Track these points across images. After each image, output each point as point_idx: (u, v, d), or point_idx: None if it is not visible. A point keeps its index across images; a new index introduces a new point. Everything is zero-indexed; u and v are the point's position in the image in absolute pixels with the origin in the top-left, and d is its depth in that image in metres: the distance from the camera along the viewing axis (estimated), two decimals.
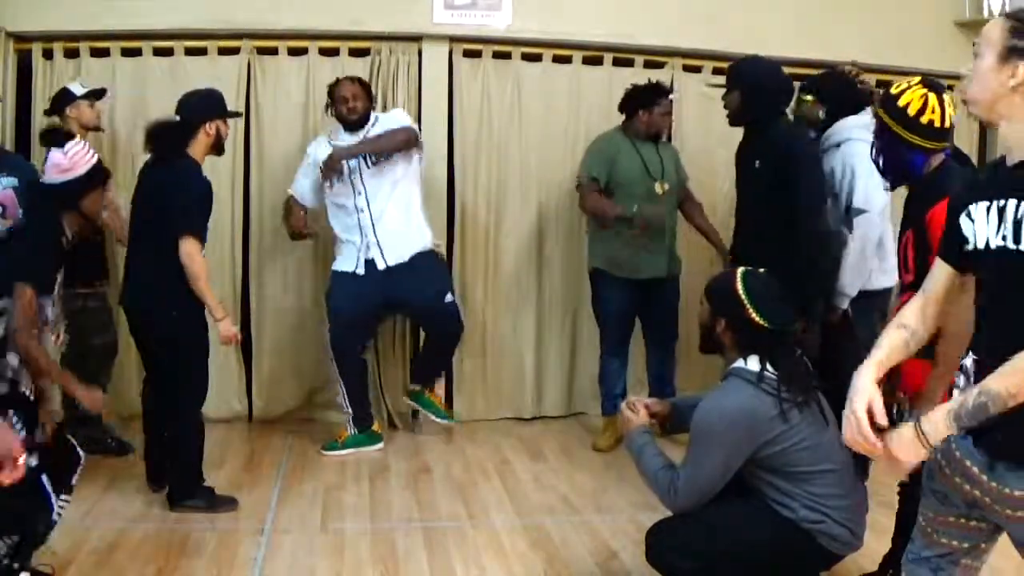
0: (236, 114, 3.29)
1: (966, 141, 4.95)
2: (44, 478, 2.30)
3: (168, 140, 3.10)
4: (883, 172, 2.40)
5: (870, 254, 3.11)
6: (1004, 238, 1.49)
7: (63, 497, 2.38)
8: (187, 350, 3.13)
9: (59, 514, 2.37)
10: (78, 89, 3.62)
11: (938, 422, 1.48)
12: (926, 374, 2.23)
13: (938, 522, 1.68)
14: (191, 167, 3.09)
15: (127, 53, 4.17)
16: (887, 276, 3.14)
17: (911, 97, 2.26)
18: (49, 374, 2.47)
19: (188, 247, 3.01)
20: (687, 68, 4.60)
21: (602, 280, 4.02)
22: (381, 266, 3.85)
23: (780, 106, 3.28)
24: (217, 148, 3.22)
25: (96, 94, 3.63)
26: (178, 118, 3.14)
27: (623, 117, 4.00)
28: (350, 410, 3.96)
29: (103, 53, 4.16)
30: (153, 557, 2.81)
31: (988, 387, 1.43)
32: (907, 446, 1.51)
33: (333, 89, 3.89)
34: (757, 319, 2.25)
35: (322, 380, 4.41)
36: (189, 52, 4.20)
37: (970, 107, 1.60)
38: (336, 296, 3.91)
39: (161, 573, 2.72)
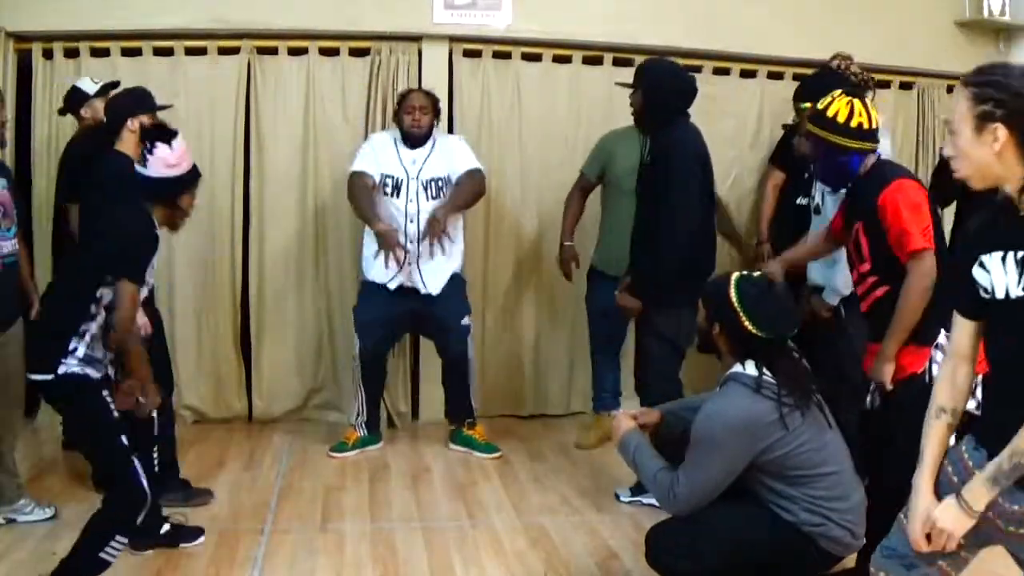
0: (163, 107, 3.28)
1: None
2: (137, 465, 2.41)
3: (97, 141, 3.18)
4: (823, 180, 2.66)
5: None
6: None
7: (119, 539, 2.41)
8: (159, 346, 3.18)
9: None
10: (90, 86, 3.54)
11: (977, 490, 1.55)
12: (908, 355, 2.40)
13: None
14: (121, 162, 3.06)
15: (127, 53, 4.17)
16: None
17: (838, 107, 2.46)
18: (139, 375, 2.53)
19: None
20: (687, 68, 4.57)
21: (593, 277, 4.05)
22: (423, 291, 3.80)
23: (678, 107, 3.26)
24: None
25: (109, 87, 3.56)
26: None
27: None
28: (365, 415, 3.96)
29: (103, 53, 4.15)
30: (153, 557, 2.82)
31: (1019, 447, 1.49)
32: (954, 519, 1.58)
33: (403, 98, 3.84)
34: (750, 327, 2.23)
35: (322, 380, 4.41)
36: (189, 52, 4.19)
37: (969, 182, 1.60)
38: (367, 311, 3.84)
39: (161, 573, 2.73)
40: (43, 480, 3.39)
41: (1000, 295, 1.56)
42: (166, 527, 2.89)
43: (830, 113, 2.45)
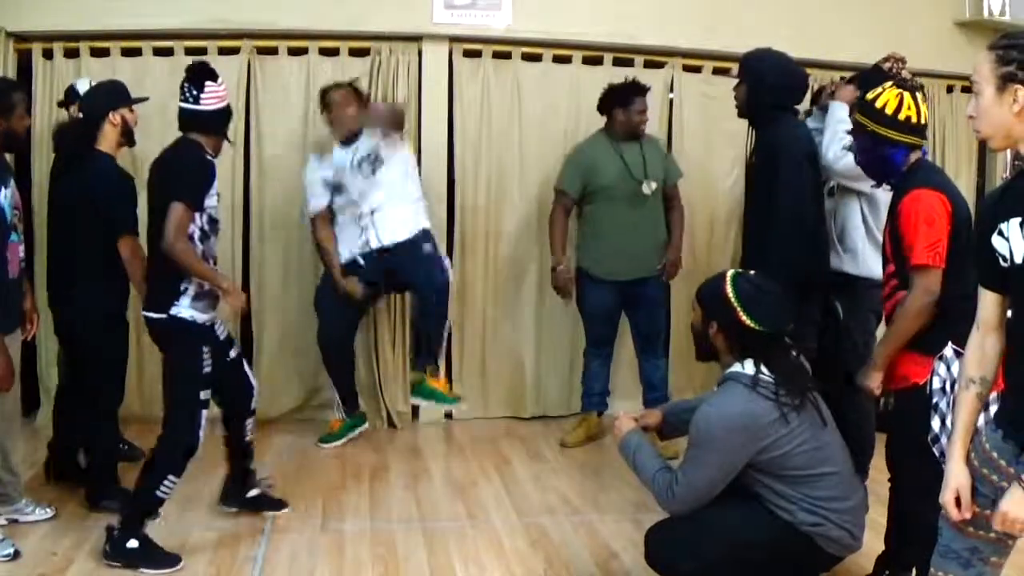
0: (140, 99, 3.26)
1: (965, 149, 4.97)
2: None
3: (75, 137, 3.14)
4: (867, 172, 2.54)
5: None
6: None
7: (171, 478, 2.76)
8: (110, 350, 3.17)
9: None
10: (85, 86, 3.61)
11: None
12: (912, 364, 2.33)
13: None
14: (105, 163, 3.09)
15: (127, 53, 4.18)
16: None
17: (887, 97, 2.42)
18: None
19: (131, 246, 3.07)
20: (687, 68, 4.60)
21: (585, 279, 4.03)
22: (375, 244, 3.83)
23: (783, 102, 3.19)
24: (126, 137, 3.18)
25: None
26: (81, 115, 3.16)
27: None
28: (338, 398, 4.06)
29: (103, 53, 4.16)
30: None
31: None
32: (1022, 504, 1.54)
33: (325, 94, 3.88)
34: (748, 322, 2.23)
35: (322, 380, 4.41)
36: (189, 52, 4.19)
37: (988, 143, 1.66)
38: (323, 295, 3.99)
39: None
40: (43, 480, 3.38)
41: (1019, 260, 1.57)
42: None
43: (879, 104, 2.41)
